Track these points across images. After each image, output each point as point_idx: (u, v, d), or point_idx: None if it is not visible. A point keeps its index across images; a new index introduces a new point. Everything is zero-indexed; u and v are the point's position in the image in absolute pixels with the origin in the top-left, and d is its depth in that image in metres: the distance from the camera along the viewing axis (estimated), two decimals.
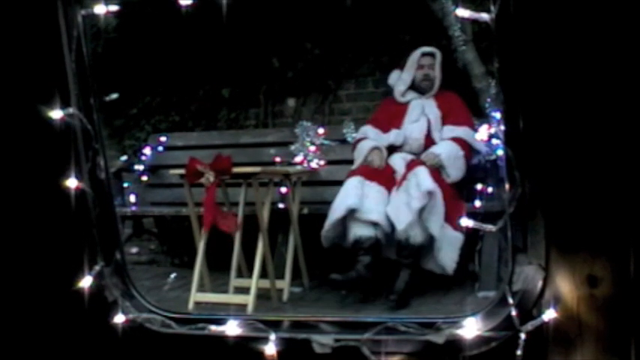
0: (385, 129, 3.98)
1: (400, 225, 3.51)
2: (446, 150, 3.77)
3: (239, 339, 2.20)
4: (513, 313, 1.96)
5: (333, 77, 4.74)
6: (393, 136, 3.94)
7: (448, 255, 3.54)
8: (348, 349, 2.10)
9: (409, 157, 3.85)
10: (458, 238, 3.56)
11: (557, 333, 1.92)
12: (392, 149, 3.94)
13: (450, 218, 3.53)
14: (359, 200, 3.61)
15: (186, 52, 4.73)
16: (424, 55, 4.00)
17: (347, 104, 4.78)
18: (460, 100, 3.99)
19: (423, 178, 3.53)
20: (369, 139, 3.97)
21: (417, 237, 3.52)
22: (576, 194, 1.86)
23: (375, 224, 3.59)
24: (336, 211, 3.66)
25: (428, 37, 4.25)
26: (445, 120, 3.93)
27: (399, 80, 4.05)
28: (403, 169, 3.73)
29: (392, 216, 3.56)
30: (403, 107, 4.02)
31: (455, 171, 3.74)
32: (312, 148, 4.29)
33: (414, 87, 4.03)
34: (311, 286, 4.00)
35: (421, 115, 3.96)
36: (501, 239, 3.39)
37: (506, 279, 2.01)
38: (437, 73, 3.99)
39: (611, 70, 1.80)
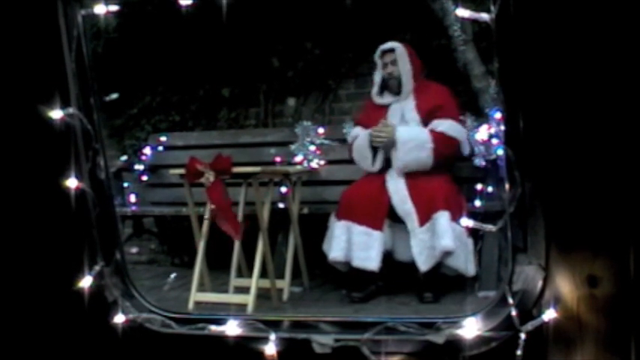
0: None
1: (423, 267, 3.50)
2: (408, 134, 3.66)
3: (239, 339, 2.20)
4: (513, 313, 1.96)
5: (334, 77, 4.74)
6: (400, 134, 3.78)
7: (470, 262, 3.56)
8: (348, 349, 2.10)
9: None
10: (471, 243, 3.57)
11: (557, 333, 1.92)
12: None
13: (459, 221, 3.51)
14: (345, 252, 3.61)
15: (186, 51, 4.73)
16: (384, 52, 3.86)
17: (347, 104, 4.78)
18: (444, 91, 3.86)
19: (443, 231, 3.43)
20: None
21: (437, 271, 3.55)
22: (576, 194, 1.86)
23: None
24: (329, 253, 3.69)
25: (428, 36, 4.25)
26: (429, 117, 3.76)
27: (375, 82, 3.96)
28: (402, 181, 3.67)
29: (415, 254, 3.50)
30: (383, 111, 3.88)
31: (406, 157, 3.64)
32: (312, 147, 4.29)
33: (386, 87, 3.92)
34: (311, 285, 4.00)
35: (401, 122, 3.81)
36: (501, 239, 3.40)
37: (506, 279, 2.01)
38: (403, 69, 3.82)
39: (611, 69, 1.79)
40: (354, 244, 3.59)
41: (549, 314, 1.92)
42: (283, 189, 3.98)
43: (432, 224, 3.48)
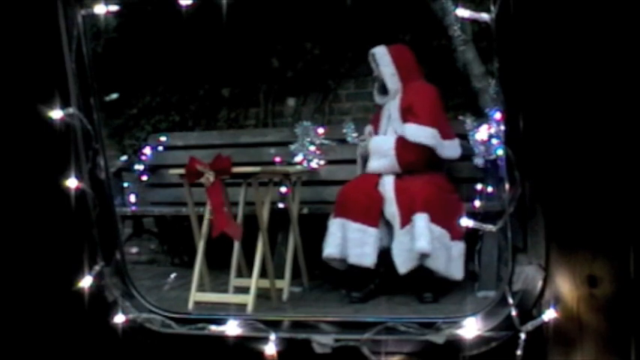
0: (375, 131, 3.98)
1: (402, 269, 3.51)
2: (375, 145, 3.81)
3: (239, 339, 2.20)
4: (513, 313, 1.96)
5: (333, 77, 4.75)
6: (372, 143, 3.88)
7: (454, 266, 3.56)
8: (348, 349, 2.10)
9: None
10: (460, 247, 3.57)
11: (557, 333, 1.92)
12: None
13: (452, 227, 3.51)
14: (340, 249, 3.62)
15: (186, 51, 4.73)
16: (371, 56, 3.93)
17: (347, 104, 4.78)
18: (422, 92, 3.85)
19: (420, 233, 3.44)
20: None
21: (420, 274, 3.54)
22: (576, 194, 1.86)
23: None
24: (324, 250, 3.70)
25: (428, 36, 4.25)
26: (404, 117, 3.81)
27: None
28: (392, 182, 3.68)
29: (394, 256, 3.52)
30: (379, 110, 3.99)
31: (374, 164, 3.78)
32: (312, 147, 4.29)
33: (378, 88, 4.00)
34: (311, 285, 4.00)
35: (388, 121, 3.89)
36: (501, 239, 3.40)
37: (506, 279, 2.01)
38: (384, 71, 3.86)
39: (611, 69, 1.80)
40: (350, 241, 3.60)
41: (549, 314, 1.92)
42: (283, 189, 3.98)
43: (411, 226, 3.50)
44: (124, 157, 4.85)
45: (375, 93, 4.01)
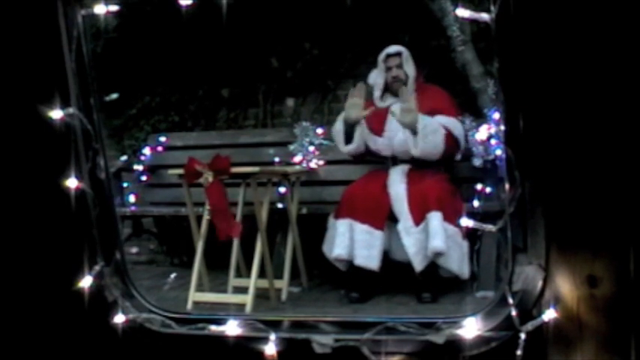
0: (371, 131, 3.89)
1: (418, 267, 3.51)
2: (427, 120, 3.63)
3: (239, 339, 2.20)
4: (513, 313, 1.96)
5: (332, 77, 4.75)
6: (379, 144, 3.86)
7: (463, 263, 3.57)
8: (348, 349, 2.10)
9: (407, 167, 3.77)
10: (467, 246, 3.58)
11: (557, 333, 1.92)
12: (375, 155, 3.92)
13: (460, 226, 3.51)
14: (348, 250, 3.61)
15: (185, 52, 4.73)
16: (389, 56, 3.86)
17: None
18: (443, 93, 3.88)
19: (435, 232, 3.44)
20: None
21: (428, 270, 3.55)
22: (576, 194, 1.86)
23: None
24: (330, 253, 3.69)
25: (427, 37, 4.26)
26: (431, 115, 3.76)
27: (375, 84, 3.94)
28: (404, 181, 3.68)
29: (411, 254, 3.51)
30: (383, 112, 3.86)
31: (425, 144, 3.62)
32: (311, 148, 4.29)
33: (388, 90, 3.92)
34: (310, 285, 4.00)
35: None
36: (500, 239, 3.40)
37: (506, 279, 2.01)
38: (408, 72, 3.84)
39: (611, 69, 1.80)
40: (357, 242, 3.59)
41: (549, 314, 1.92)
42: (282, 189, 3.98)
43: (426, 224, 3.50)
44: (124, 157, 4.84)
45: (378, 95, 3.93)
